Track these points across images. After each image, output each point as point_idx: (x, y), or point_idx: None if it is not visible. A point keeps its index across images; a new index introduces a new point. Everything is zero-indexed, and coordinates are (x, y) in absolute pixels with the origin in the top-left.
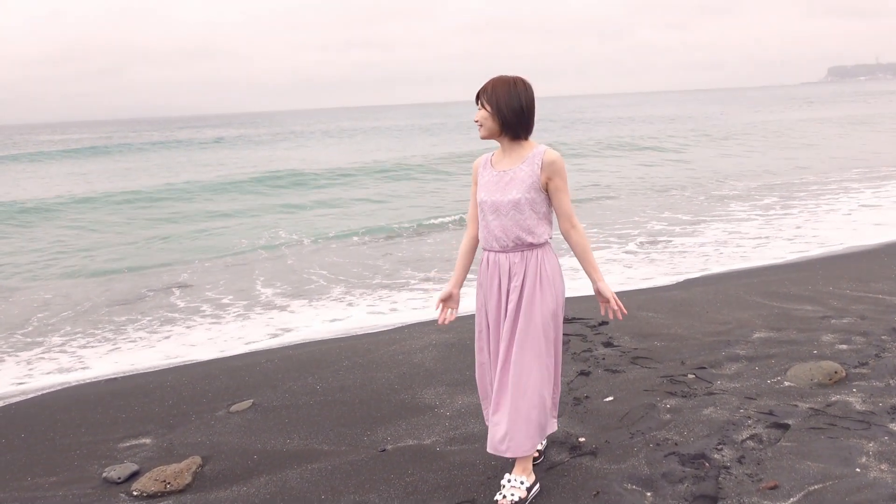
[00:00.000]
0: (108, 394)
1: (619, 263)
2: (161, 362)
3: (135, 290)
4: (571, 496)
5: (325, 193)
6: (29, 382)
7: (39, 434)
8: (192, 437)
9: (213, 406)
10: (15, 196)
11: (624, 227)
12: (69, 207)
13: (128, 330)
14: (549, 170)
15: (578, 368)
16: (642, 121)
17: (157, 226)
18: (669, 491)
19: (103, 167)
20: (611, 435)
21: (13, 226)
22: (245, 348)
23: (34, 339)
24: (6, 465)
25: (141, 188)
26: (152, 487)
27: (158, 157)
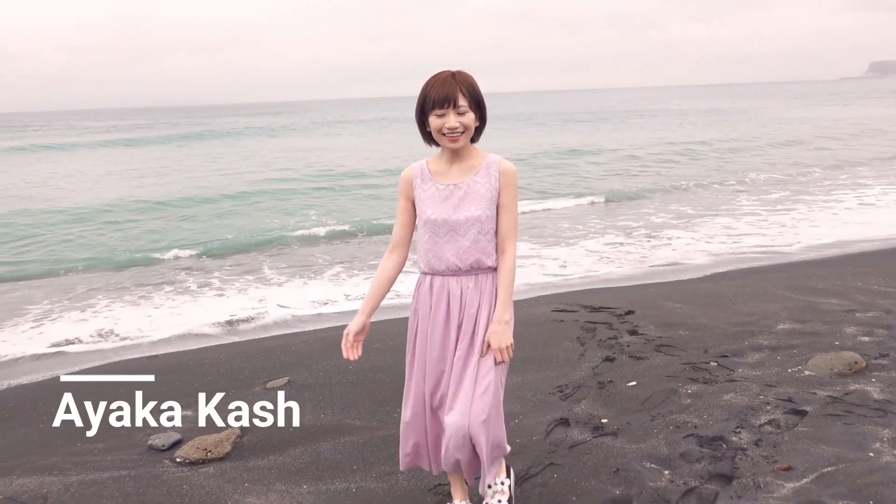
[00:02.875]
0: (150, 370)
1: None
2: (198, 341)
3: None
4: (592, 472)
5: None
6: (77, 354)
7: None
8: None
9: (250, 382)
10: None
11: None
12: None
13: (162, 304)
14: (503, 181)
15: (604, 355)
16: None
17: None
18: (686, 469)
19: (213, 153)
20: (632, 417)
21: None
22: (279, 329)
23: (82, 308)
24: (56, 432)
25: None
26: (194, 455)
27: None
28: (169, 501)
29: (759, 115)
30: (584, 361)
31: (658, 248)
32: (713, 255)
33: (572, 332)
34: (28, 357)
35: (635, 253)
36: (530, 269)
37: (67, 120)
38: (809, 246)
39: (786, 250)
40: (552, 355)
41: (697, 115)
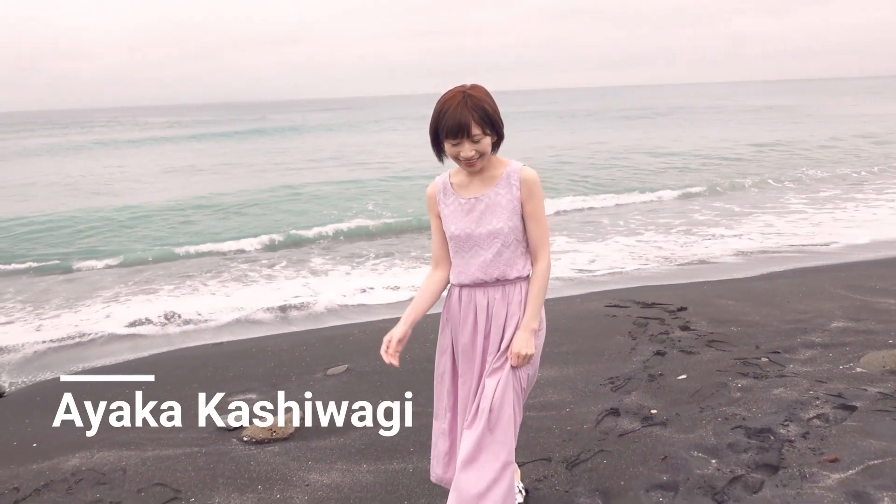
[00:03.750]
0: (216, 355)
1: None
2: (254, 327)
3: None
4: (640, 459)
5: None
6: (145, 339)
7: (157, 386)
8: (293, 394)
9: (311, 369)
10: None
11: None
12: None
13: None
14: (525, 191)
15: (655, 349)
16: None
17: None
18: (733, 459)
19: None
20: (681, 408)
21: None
22: (330, 317)
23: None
24: None
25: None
26: (260, 434)
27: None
28: (238, 476)
29: (826, 112)
30: (635, 355)
31: (690, 246)
32: (744, 254)
33: (624, 326)
34: (104, 337)
35: (665, 249)
36: (563, 260)
37: (133, 116)
38: (849, 245)
39: (822, 250)
40: (604, 348)
41: (760, 112)
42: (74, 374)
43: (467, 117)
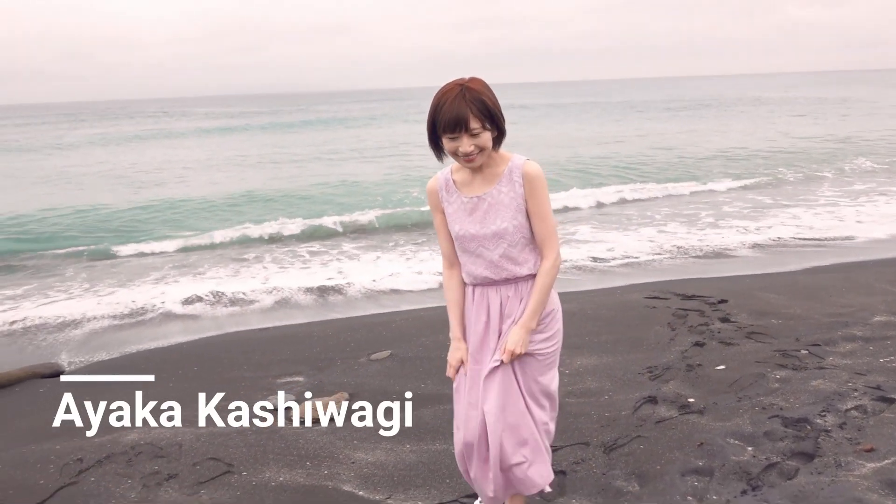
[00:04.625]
0: (264, 340)
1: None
2: (296, 310)
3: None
4: (677, 445)
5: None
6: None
7: (210, 368)
8: (338, 378)
9: (356, 354)
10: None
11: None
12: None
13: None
14: (528, 187)
15: (694, 340)
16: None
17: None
18: (769, 447)
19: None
20: (719, 398)
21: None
22: (380, 308)
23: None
24: (184, 389)
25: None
26: (308, 415)
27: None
28: (287, 453)
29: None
30: (674, 345)
31: (708, 238)
32: (760, 247)
33: (664, 317)
34: (157, 318)
35: (682, 242)
36: (582, 249)
37: (182, 107)
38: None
39: (844, 245)
40: (643, 338)
41: (818, 104)
42: (75, 374)
43: (465, 110)
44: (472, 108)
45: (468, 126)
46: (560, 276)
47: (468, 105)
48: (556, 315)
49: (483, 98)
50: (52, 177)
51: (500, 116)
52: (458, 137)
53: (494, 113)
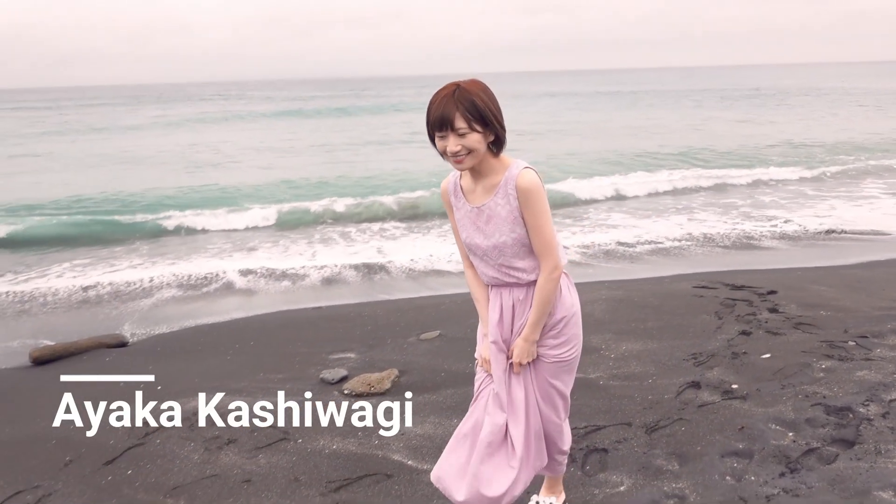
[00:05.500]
0: (317, 318)
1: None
2: (348, 290)
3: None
4: (717, 428)
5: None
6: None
7: (265, 343)
8: (388, 356)
9: (406, 333)
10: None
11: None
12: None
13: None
14: (522, 200)
15: (740, 329)
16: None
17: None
18: (810, 433)
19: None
20: (762, 385)
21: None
22: (426, 290)
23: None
24: (242, 363)
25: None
26: (359, 388)
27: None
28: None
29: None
30: (720, 333)
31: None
32: (814, 239)
33: (711, 306)
34: (214, 293)
35: (709, 230)
36: (611, 233)
37: (240, 90)
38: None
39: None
40: (689, 326)
41: (881, 95)
42: (75, 374)
43: (452, 109)
44: (460, 108)
45: (454, 125)
46: (593, 262)
47: (456, 104)
48: (572, 321)
49: (474, 99)
50: (116, 157)
51: (495, 120)
52: (446, 136)
53: (486, 115)
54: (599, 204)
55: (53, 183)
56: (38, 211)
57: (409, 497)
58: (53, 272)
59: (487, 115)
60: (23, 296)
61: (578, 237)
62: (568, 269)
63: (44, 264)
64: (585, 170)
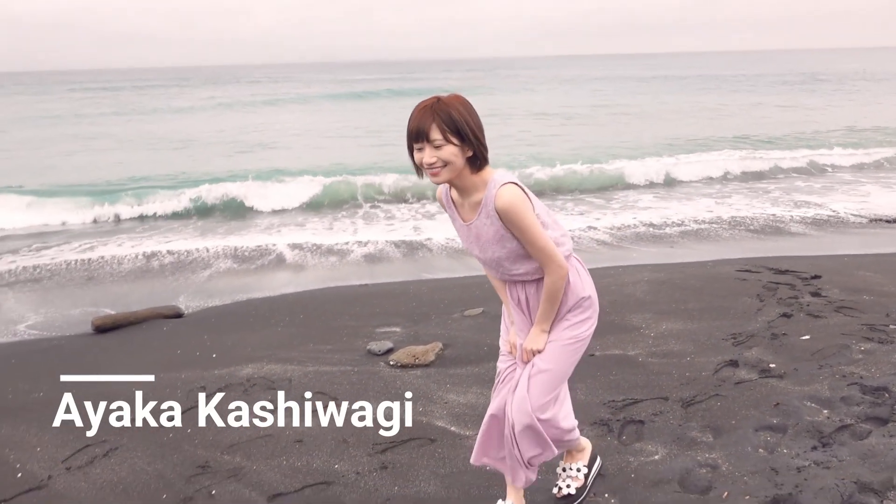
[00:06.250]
0: (363, 294)
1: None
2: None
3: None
4: (753, 404)
5: None
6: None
7: (314, 317)
8: (433, 330)
9: (449, 310)
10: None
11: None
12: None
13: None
14: (504, 220)
15: (781, 311)
16: None
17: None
18: (845, 410)
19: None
20: (800, 364)
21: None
22: (470, 271)
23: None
24: (292, 335)
25: None
26: (405, 360)
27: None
28: (385, 391)
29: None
30: (760, 315)
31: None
32: (864, 225)
33: (753, 289)
34: (265, 267)
35: (759, 214)
36: (655, 216)
37: (287, 73)
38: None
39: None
40: (729, 307)
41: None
42: (75, 374)
43: (428, 120)
44: (437, 119)
45: (429, 136)
46: (617, 244)
47: (433, 115)
48: (584, 303)
49: (451, 112)
50: (171, 137)
51: (474, 135)
52: (422, 148)
53: (462, 128)
54: (648, 187)
55: (110, 162)
56: (103, 188)
57: (451, 460)
58: (114, 242)
59: (464, 129)
60: (88, 263)
61: (621, 218)
62: (589, 251)
63: (106, 236)
64: (637, 153)
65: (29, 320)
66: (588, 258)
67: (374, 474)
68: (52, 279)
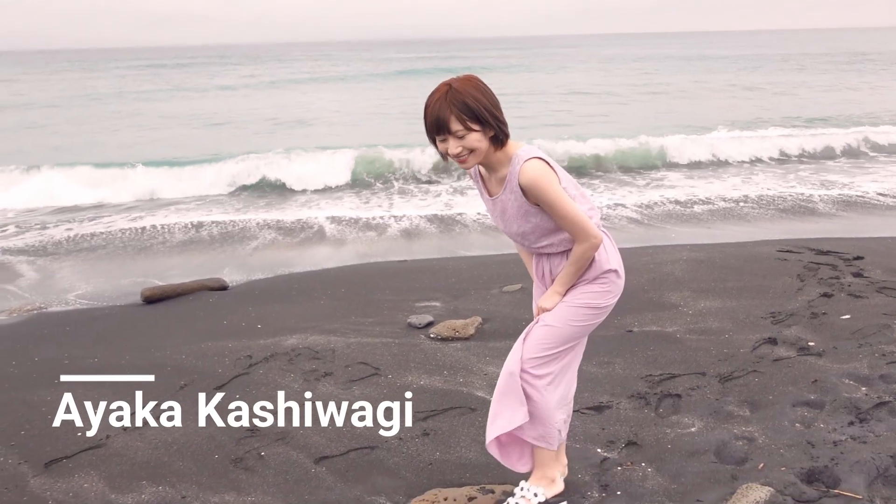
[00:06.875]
0: (403, 270)
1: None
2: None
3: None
4: (790, 381)
5: None
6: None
7: (356, 290)
8: (472, 305)
9: (488, 286)
10: None
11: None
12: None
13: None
14: (529, 194)
15: (822, 291)
16: None
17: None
18: (883, 388)
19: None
20: (839, 343)
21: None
22: (509, 248)
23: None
24: (334, 308)
25: None
26: (445, 333)
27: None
28: (426, 363)
29: None
30: (800, 295)
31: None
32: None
33: (794, 269)
34: (307, 240)
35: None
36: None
37: (324, 50)
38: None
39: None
40: (769, 287)
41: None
42: (74, 374)
43: (446, 113)
44: (454, 110)
45: (450, 128)
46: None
47: (449, 106)
48: (608, 277)
49: (465, 100)
50: (216, 115)
51: (492, 115)
52: (445, 139)
53: (480, 113)
54: (694, 166)
55: (156, 137)
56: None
57: None
58: (161, 214)
59: (482, 114)
60: (140, 232)
61: (659, 195)
62: (627, 230)
63: (153, 209)
64: (681, 131)
65: (79, 289)
66: (632, 236)
67: (417, 440)
68: (102, 249)
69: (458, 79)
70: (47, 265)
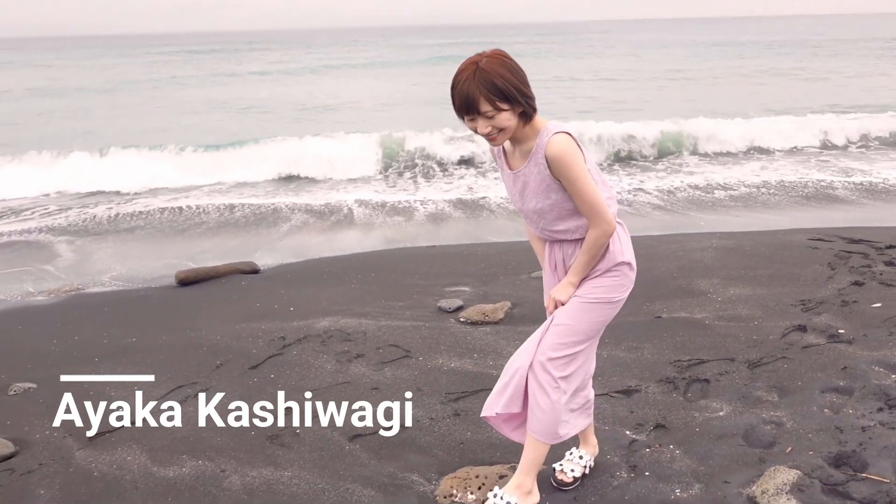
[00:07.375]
0: (431, 255)
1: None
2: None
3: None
4: (819, 367)
5: None
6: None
7: (385, 275)
8: (501, 290)
9: (517, 271)
10: None
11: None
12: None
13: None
14: (553, 168)
15: (853, 279)
16: None
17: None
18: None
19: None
20: (870, 331)
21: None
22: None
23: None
24: (365, 292)
25: None
26: (475, 317)
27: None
28: (456, 346)
29: None
30: (831, 283)
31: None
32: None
33: (825, 258)
34: (336, 224)
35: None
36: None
37: (350, 37)
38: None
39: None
40: (800, 275)
41: None
42: (74, 374)
43: (475, 94)
44: (482, 90)
45: (479, 109)
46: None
47: (478, 87)
48: (621, 269)
49: (494, 79)
50: (248, 101)
51: (521, 93)
52: (475, 119)
53: (509, 93)
54: (731, 154)
55: (192, 122)
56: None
57: None
58: (193, 196)
59: (511, 93)
60: (179, 213)
61: (692, 179)
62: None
63: (188, 191)
64: (712, 115)
65: (114, 271)
66: (657, 223)
67: (448, 420)
68: (140, 231)
69: (485, 56)
70: (84, 246)
